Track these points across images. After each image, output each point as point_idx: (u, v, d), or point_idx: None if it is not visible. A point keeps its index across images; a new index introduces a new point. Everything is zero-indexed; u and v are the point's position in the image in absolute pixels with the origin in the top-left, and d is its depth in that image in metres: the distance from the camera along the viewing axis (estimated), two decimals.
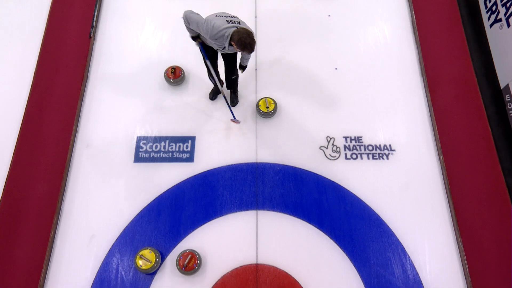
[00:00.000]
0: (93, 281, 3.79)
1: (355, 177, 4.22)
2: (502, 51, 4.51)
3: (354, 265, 3.84)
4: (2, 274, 3.81)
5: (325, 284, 3.76)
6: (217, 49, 3.72)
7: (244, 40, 3.33)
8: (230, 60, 4.04)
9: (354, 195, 4.13)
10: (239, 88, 4.57)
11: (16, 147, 4.35)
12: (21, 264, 3.85)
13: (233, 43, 3.40)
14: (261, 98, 4.51)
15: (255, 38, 3.42)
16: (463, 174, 4.24)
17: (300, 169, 4.27)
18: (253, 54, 4.64)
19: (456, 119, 4.52)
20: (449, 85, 4.71)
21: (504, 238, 3.93)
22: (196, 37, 3.79)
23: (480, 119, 4.53)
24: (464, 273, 3.82)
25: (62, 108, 4.57)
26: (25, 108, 4.55)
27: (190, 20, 3.55)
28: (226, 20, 3.47)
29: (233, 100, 4.57)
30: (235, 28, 3.41)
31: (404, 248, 3.91)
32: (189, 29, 3.67)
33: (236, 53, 3.97)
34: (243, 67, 4.05)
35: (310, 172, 4.25)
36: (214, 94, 4.61)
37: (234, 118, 4.40)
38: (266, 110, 4.44)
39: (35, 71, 4.76)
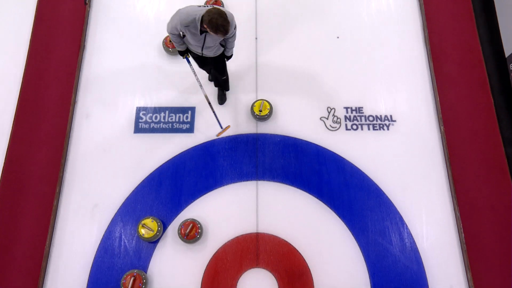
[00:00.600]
0: (97, 248, 3.88)
1: (355, 148, 4.22)
2: (509, 19, 4.40)
3: (353, 234, 3.91)
4: (7, 243, 3.90)
5: (323, 252, 3.85)
6: (202, 53, 3.64)
7: (216, 21, 3.07)
8: (218, 62, 3.92)
9: (354, 165, 4.15)
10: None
11: (15, 119, 4.34)
12: (26, 232, 3.93)
13: (205, 26, 3.18)
14: (258, 100, 4.35)
15: (229, 19, 3.15)
16: (463, 144, 4.24)
17: (300, 140, 4.27)
18: (252, 22, 4.54)
19: (459, 88, 4.47)
20: (453, 53, 4.62)
21: (501, 207, 3.98)
22: (183, 52, 3.71)
23: (482, 88, 4.48)
24: (460, 241, 3.89)
25: (60, 78, 4.52)
26: (22, 79, 4.50)
27: (169, 28, 3.46)
28: (198, 6, 3.32)
29: (222, 98, 4.43)
30: (206, 10, 3.19)
31: (402, 217, 3.98)
32: (175, 40, 3.57)
33: (223, 55, 3.83)
34: (227, 57, 3.87)
35: (310, 143, 4.25)
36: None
37: (221, 127, 4.24)
38: (259, 113, 4.29)
39: (30, 40, 4.68)
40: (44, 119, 4.34)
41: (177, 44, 3.62)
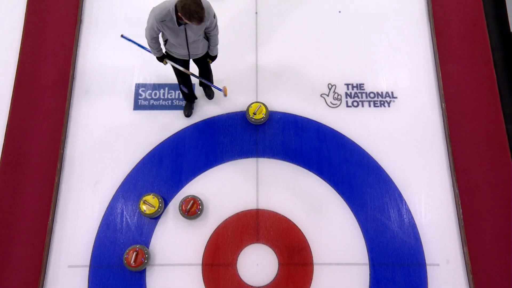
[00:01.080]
0: (100, 224, 3.94)
1: (356, 125, 4.21)
2: None
3: (352, 210, 3.96)
4: (11, 219, 3.95)
5: (323, 228, 3.90)
6: (189, 54, 3.56)
7: (188, 7, 2.91)
8: (202, 63, 3.84)
9: (354, 142, 4.15)
10: None
11: (13, 96, 4.30)
12: (29, 208, 3.97)
13: (179, 14, 3.05)
14: (255, 103, 4.22)
15: (204, 6, 3.00)
16: (463, 121, 4.22)
17: (301, 116, 4.25)
18: None
19: (461, 63, 4.41)
20: (456, 27, 4.54)
21: (500, 184, 4.01)
22: (161, 58, 3.62)
23: (486, 63, 4.42)
24: (458, 217, 3.94)
25: (57, 53, 4.46)
26: (19, 56, 4.44)
27: (147, 32, 3.37)
28: None
29: (209, 94, 4.34)
30: None
31: (401, 194, 4.01)
32: (152, 46, 3.49)
33: (207, 55, 3.73)
34: (212, 57, 3.74)
35: (311, 120, 4.23)
36: (189, 109, 4.27)
37: (219, 89, 4.14)
38: (252, 116, 4.15)
39: (25, 16, 4.59)
40: (43, 96, 4.31)
41: (155, 50, 3.54)
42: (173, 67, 3.77)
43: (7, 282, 3.77)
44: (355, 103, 4.31)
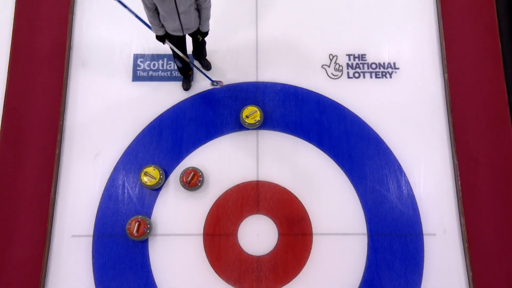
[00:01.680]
0: (101, 195, 3.98)
1: (357, 96, 4.18)
2: None
3: (351, 182, 3.99)
4: (12, 191, 3.99)
5: (322, 199, 3.95)
6: (182, 29, 3.48)
7: None
8: (196, 37, 3.74)
9: (355, 114, 4.13)
10: None
11: (10, 69, 4.24)
12: (30, 180, 4.00)
13: None
14: (251, 106, 4.10)
15: None
16: (466, 93, 4.18)
17: (301, 88, 4.21)
18: None
19: (466, 32, 4.32)
20: None
21: (500, 157, 4.02)
22: (161, 38, 3.56)
23: (491, 31, 4.32)
24: (456, 188, 3.98)
25: (53, 24, 4.35)
26: (13, 27, 4.34)
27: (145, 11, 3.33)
28: None
29: (207, 65, 4.24)
30: None
31: (400, 165, 4.03)
32: (151, 21, 3.43)
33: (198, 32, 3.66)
34: (203, 34, 3.69)
35: (311, 91, 4.19)
36: (187, 83, 4.21)
37: (213, 81, 4.11)
38: (244, 118, 4.03)
39: None
40: (40, 68, 4.24)
41: (155, 26, 3.47)
42: (171, 48, 3.71)
43: (12, 254, 3.85)
44: (357, 74, 4.25)
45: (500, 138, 4.06)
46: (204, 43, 3.96)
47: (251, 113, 4.05)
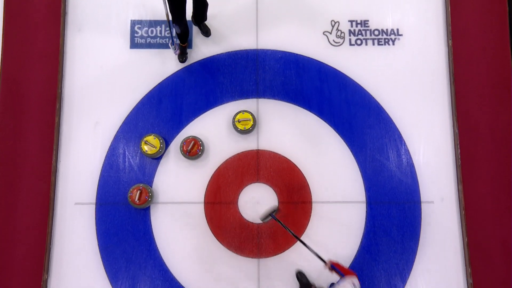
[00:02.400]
0: (103, 164, 4.01)
1: (358, 64, 4.12)
2: None
3: (351, 150, 4.00)
4: (13, 160, 4.02)
5: (322, 168, 3.98)
6: None
7: None
8: None
9: (356, 82, 4.09)
10: None
11: (4, 34, 4.15)
12: (31, 148, 4.02)
13: None
14: (245, 112, 3.98)
15: None
16: (470, 59, 4.12)
17: (302, 56, 4.13)
18: None
19: None
20: None
21: (500, 126, 4.01)
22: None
23: None
24: (455, 156, 3.99)
25: None
26: None
27: None
28: None
29: (206, 31, 4.13)
30: None
31: (400, 134, 4.03)
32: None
33: None
34: None
35: (312, 59, 4.13)
36: (183, 55, 4.10)
37: (173, 44, 3.96)
38: (235, 122, 3.95)
39: None
40: (35, 33, 4.15)
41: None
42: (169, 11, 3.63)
43: (16, 221, 3.93)
44: (359, 41, 4.16)
45: (501, 107, 4.04)
46: (205, 5, 3.86)
47: (244, 119, 3.96)
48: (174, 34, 3.96)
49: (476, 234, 3.87)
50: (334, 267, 3.20)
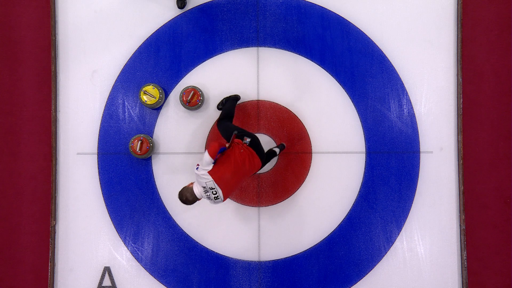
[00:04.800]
0: (102, 114, 4.00)
1: (363, 9, 3.95)
2: None
3: (352, 100, 3.96)
4: (11, 109, 4.02)
5: (322, 117, 3.96)
6: None
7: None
8: None
9: (359, 29, 3.95)
10: None
11: None
12: (29, 98, 4.02)
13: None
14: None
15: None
16: (478, 4, 3.96)
17: (304, 1, 3.96)
18: None
19: None
20: None
21: (505, 74, 3.94)
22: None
23: None
24: (457, 106, 3.95)
25: None
26: None
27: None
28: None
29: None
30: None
31: (403, 84, 3.96)
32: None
33: None
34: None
35: (315, 4, 3.95)
36: (182, 0, 3.91)
37: None
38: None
39: None
40: None
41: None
42: None
43: (19, 171, 4.02)
44: None
45: (508, 53, 3.94)
46: None
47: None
48: None
49: (472, 182, 3.95)
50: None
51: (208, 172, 3.13)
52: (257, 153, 3.34)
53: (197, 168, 3.18)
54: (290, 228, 3.93)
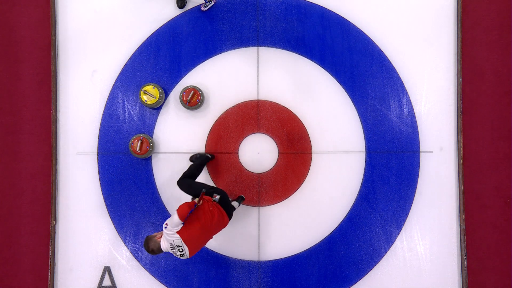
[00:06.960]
0: (102, 113, 4.00)
1: (363, 9, 3.96)
2: None
3: (352, 100, 3.96)
4: (12, 108, 4.02)
5: (322, 117, 3.96)
6: None
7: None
8: None
9: (359, 29, 3.95)
10: None
11: None
12: (30, 97, 4.03)
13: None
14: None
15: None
16: (479, 3, 3.96)
17: (304, 0, 3.96)
18: None
19: None
20: None
21: (505, 74, 3.94)
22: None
23: None
24: (457, 106, 3.96)
25: None
26: None
27: None
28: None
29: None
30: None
31: (403, 84, 3.97)
32: None
33: None
34: None
35: (315, 4, 3.96)
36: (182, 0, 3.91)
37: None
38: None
39: None
40: None
41: None
42: None
43: (19, 171, 4.02)
44: None
45: (508, 53, 3.94)
46: None
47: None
48: None
49: (472, 182, 3.95)
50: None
51: (177, 232, 3.08)
52: (225, 210, 3.32)
53: (165, 227, 3.10)
54: (290, 228, 3.94)
